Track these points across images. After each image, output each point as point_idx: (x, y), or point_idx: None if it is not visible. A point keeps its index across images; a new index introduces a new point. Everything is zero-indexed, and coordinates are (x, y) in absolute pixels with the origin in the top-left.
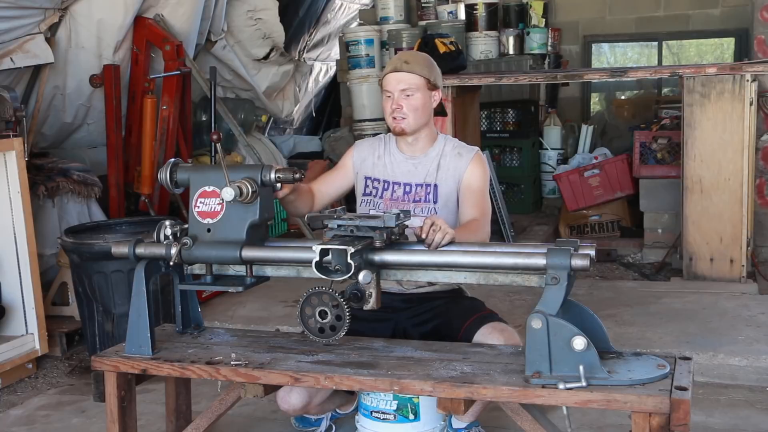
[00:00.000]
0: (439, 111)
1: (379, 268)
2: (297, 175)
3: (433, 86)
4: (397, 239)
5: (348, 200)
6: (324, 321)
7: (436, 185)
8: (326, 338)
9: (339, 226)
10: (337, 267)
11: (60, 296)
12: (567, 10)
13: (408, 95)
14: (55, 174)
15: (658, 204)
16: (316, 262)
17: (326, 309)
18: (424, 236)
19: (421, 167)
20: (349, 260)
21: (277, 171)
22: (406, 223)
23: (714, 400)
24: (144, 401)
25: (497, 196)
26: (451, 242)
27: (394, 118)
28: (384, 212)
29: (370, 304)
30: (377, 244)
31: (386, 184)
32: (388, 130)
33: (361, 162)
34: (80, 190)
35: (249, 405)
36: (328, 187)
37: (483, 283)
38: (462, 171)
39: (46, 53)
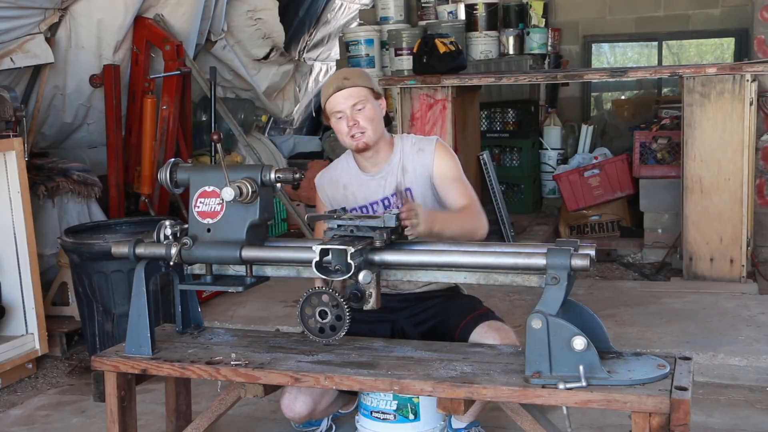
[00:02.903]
0: (385, 119)
1: (379, 268)
2: (297, 175)
3: (377, 95)
4: (397, 239)
5: None
6: (324, 321)
7: (408, 188)
8: (326, 338)
9: (339, 226)
10: (337, 267)
11: (60, 296)
12: (567, 10)
13: (360, 108)
14: (55, 174)
15: (658, 204)
16: (316, 262)
17: (326, 309)
18: (404, 219)
19: (390, 177)
20: (349, 260)
21: (277, 171)
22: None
23: (714, 400)
24: (144, 401)
25: (497, 196)
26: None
27: (353, 136)
28: (384, 212)
29: (370, 304)
30: (377, 244)
31: (364, 209)
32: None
33: (331, 201)
34: (80, 190)
35: (249, 405)
36: None
37: (483, 283)
38: (430, 166)
39: (46, 53)
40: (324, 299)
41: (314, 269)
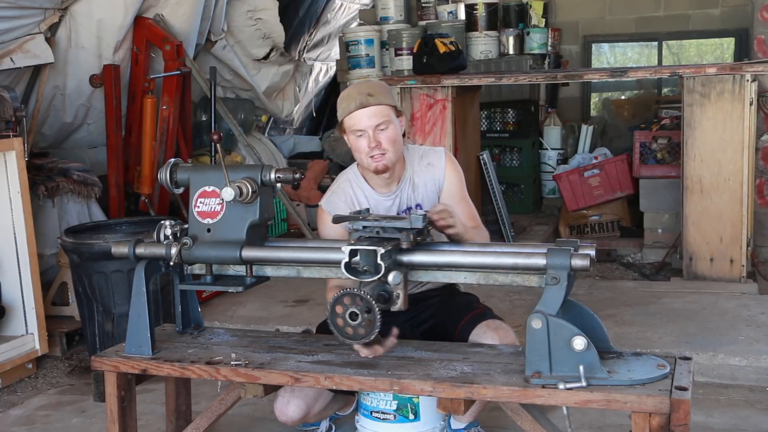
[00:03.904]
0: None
1: (407, 269)
2: (297, 175)
3: (399, 112)
4: (423, 240)
5: None
6: (354, 323)
7: (419, 204)
8: (354, 340)
9: (365, 227)
10: (365, 268)
11: (60, 296)
12: (567, 10)
13: (382, 129)
14: (55, 174)
15: (658, 204)
16: (345, 263)
17: (357, 311)
18: (436, 217)
19: (403, 194)
20: (379, 261)
21: (277, 171)
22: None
23: (714, 400)
24: (144, 401)
25: (497, 196)
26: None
27: (373, 157)
28: (410, 213)
29: (398, 305)
30: (404, 245)
31: None
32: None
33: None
34: (80, 190)
35: (249, 405)
36: None
37: (483, 283)
38: (441, 179)
39: (46, 53)
40: (356, 301)
41: (343, 270)
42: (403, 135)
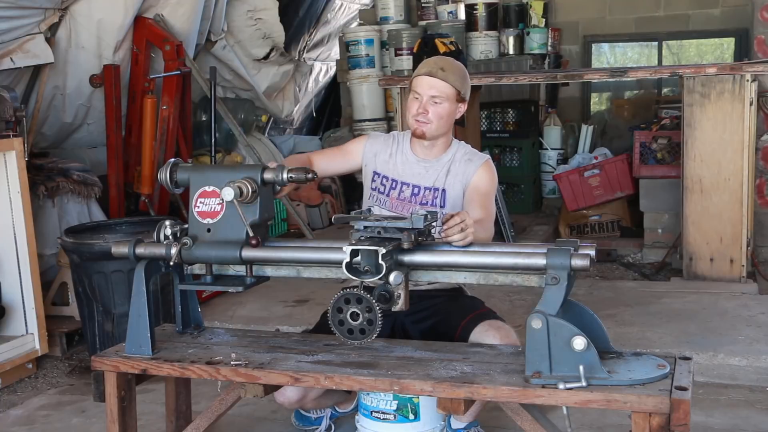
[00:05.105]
0: (459, 121)
1: (408, 269)
2: (309, 175)
3: (461, 99)
4: (424, 240)
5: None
6: (355, 323)
7: (444, 190)
8: (355, 340)
9: (366, 227)
10: (367, 268)
11: (60, 296)
12: (567, 10)
13: (436, 102)
14: (55, 174)
15: (658, 204)
16: (347, 263)
17: (358, 311)
18: (445, 227)
19: (432, 171)
20: (380, 261)
21: (289, 171)
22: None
23: (714, 400)
24: (144, 401)
25: (497, 196)
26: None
27: (417, 121)
28: (411, 213)
29: (399, 305)
30: (405, 245)
31: (394, 183)
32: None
33: (373, 156)
34: (80, 190)
35: (249, 405)
36: (328, 163)
37: (483, 283)
38: (470, 175)
39: (46, 53)
40: (358, 301)
41: (344, 270)
42: (462, 124)
